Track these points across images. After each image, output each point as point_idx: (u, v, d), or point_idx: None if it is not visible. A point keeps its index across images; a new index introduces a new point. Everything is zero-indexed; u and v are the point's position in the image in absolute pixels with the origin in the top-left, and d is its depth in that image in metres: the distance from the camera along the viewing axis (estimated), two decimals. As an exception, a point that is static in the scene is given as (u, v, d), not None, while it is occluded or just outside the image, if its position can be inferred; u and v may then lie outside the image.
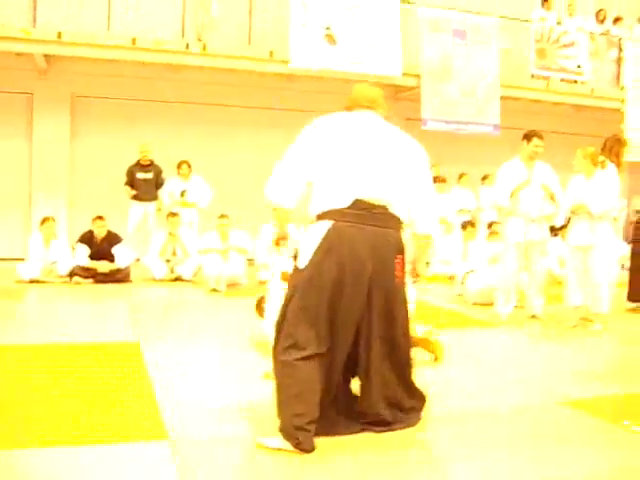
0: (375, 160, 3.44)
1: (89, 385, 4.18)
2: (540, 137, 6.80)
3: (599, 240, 6.51)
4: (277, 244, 3.84)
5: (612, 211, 6.59)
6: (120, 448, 3.21)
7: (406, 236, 3.59)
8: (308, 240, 3.40)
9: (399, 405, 3.60)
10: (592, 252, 6.52)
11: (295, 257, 3.46)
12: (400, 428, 3.55)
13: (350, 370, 3.56)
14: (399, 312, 3.52)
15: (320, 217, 3.40)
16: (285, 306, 3.41)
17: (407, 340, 3.62)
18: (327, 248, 3.32)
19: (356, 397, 3.61)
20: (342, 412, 3.52)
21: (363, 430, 3.50)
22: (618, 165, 6.76)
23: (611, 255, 6.72)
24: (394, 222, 3.49)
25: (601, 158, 6.56)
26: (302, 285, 3.34)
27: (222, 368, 4.77)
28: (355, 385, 3.63)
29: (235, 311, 7.05)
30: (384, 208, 3.43)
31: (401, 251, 3.50)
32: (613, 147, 6.68)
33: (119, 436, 3.34)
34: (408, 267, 3.63)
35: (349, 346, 3.42)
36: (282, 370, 3.34)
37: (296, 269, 3.43)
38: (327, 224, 3.35)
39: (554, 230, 8.47)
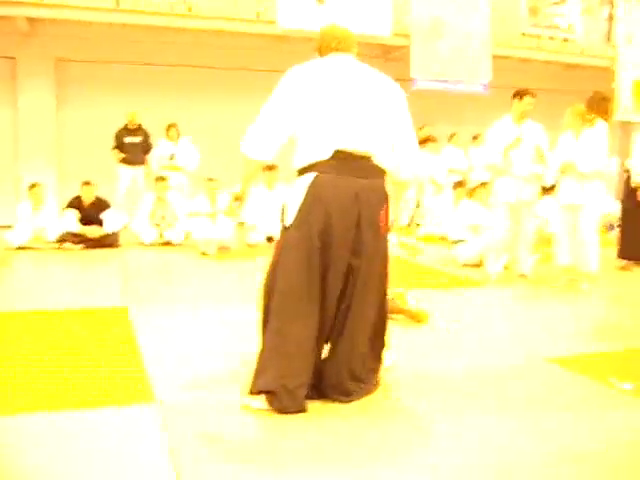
0: (355, 109, 3.33)
1: (76, 350, 4.17)
2: (532, 95, 6.73)
3: (588, 199, 6.49)
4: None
5: (602, 169, 6.54)
6: (106, 412, 3.20)
7: (389, 185, 3.53)
8: (292, 196, 3.33)
9: (360, 378, 3.49)
10: (581, 211, 6.50)
11: (282, 213, 3.39)
12: (358, 398, 3.45)
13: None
14: (380, 264, 3.47)
15: (302, 171, 3.33)
16: (273, 268, 3.36)
17: (384, 295, 3.57)
18: (311, 202, 3.25)
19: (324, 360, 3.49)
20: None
21: (325, 397, 3.43)
22: (606, 122, 6.71)
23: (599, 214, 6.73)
24: (378, 171, 3.42)
25: (590, 116, 6.50)
26: (291, 244, 3.29)
27: (212, 331, 4.75)
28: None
29: (225, 274, 7.03)
30: (367, 158, 3.35)
31: (386, 200, 3.43)
32: (600, 104, 6.61)
33: (105, 400, 3.34)
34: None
35: (336, 302, 3.34)
36: (274, 331, 3.28)
37: (284, 227, 3.37)
38: (309, 177, 3.27)
39: (545, 190, 8.45)
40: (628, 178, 7.55)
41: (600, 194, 6.62)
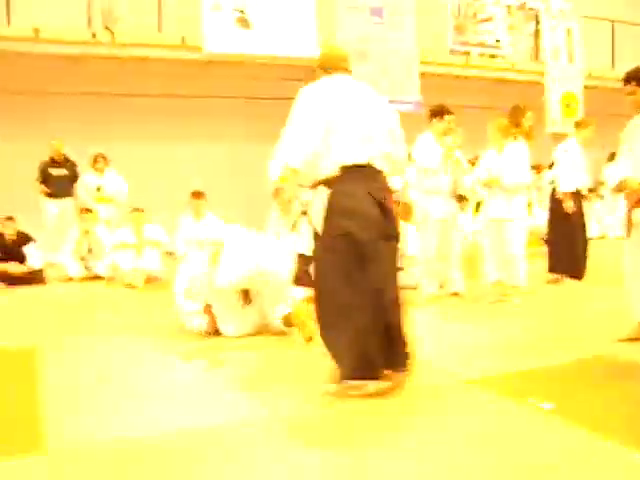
0: (359, 126, 3.81)
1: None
2: (451, 113, 6.75)
3: (514, 213, 6.49)
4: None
5: (524, 182, 6.56)
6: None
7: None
8: (316, 206, 3.81)
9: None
10: (507, 225, 6.49)
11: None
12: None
13: None
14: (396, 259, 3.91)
15: (319, 184, 3.80)
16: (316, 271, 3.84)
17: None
18: (335, 210, 3.71)
19: None
20: None
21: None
22: (524, 134, 6.73)
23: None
24: (378, 174, 3.85)
25: (513, 130, 6.53)
26: (325, 247, 3.77)
27: (125, 369, 4.54)
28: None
29: (150, 306, 6.80)
30: (373, 167, 3.82)
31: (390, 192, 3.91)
32: (516, 117, 6.65)
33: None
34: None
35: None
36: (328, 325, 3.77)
37: (315, 235, 3.86)
38: (325, 190, 3.75)
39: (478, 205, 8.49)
40: (554, 190, 7.58)
41: (524, 208, 6.62)
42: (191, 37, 10.23)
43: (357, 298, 3.63)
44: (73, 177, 9.88)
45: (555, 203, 7.52)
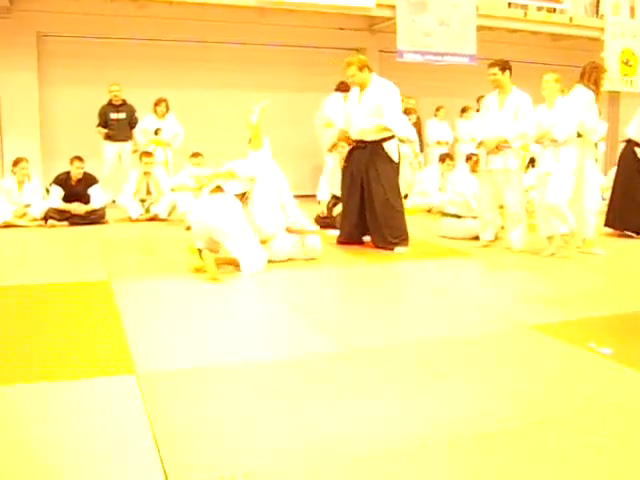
0: None
1: (58, 324, 4.15)
2: (490, 65, 6.80)
3: (557, 166, 6.48)
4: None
5: (585, 134, 6.54)
6: (86, 383, 3.20)
7: None
8: None
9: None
10: (550, 178, 6.51)
11: None
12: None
13: None
14: None
15: None
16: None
17: None
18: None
19: None
20: None
21: None
22: (597, 92, 6.72)
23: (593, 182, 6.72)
24: None
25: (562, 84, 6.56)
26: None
27: (193, 303, 4.76)
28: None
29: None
30: None
31: None
32: (592, 74, 6.62)
33: (86, 372, 3.33)
34: None
35: None
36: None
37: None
38: None
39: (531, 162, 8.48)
40: (626, 147, 7.54)
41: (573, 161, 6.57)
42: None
43: None
44: (131, 121, 10.08)
45: (627, 160, 7.49)
